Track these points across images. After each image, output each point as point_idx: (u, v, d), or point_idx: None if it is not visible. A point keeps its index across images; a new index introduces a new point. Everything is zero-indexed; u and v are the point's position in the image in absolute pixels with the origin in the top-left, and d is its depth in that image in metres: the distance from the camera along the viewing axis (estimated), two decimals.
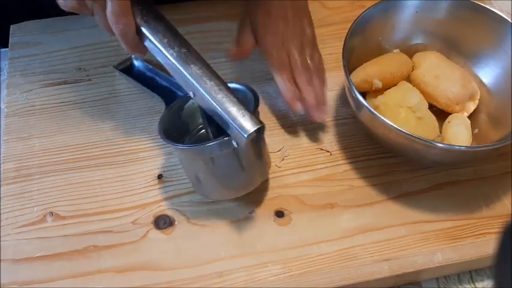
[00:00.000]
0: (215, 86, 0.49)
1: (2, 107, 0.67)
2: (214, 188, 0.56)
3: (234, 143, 0.49)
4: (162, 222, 0.57)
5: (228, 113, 0.48)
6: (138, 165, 0.61)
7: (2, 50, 0.74)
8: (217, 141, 0.50)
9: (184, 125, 0.59)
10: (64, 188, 0.59)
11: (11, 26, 0.73)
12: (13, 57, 0.70)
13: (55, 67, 0.70)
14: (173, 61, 0.50)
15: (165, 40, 0.50)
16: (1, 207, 0.57)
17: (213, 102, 0.49)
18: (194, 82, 0.49)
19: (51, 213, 0.57)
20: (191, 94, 0.51)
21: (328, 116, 0.66)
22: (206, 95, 0.49)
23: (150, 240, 0.56)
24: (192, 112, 0.58)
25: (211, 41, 0.72)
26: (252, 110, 0.51)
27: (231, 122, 0.48)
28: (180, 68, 0.50)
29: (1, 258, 0.54)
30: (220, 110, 0.48)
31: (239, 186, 0.55)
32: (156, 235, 0.56)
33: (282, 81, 0.62)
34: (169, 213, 0.57)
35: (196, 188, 0.58)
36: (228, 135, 0.49)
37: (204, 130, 0.59)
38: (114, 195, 0.59)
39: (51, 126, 0.64)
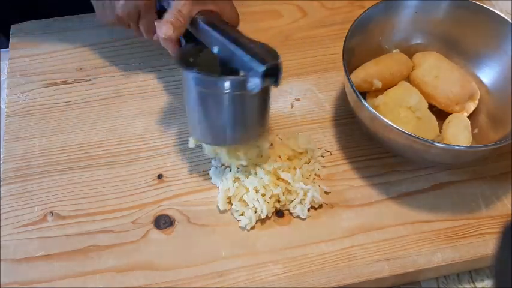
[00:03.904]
0: (235, 36, 0.54)
1: (2, 107, 0.67)
2: (230, 129, 0.55)
3: (258, 80, 0.50)
4: (162, 222, 0.57)
5: (246, 50, 0.51)
6: (139, 165, 0.61)
7: (2, 50, 0.74)
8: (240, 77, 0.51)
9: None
10: (64, 187, 0.59)
11: (11, 26, 0.73)
12: (13, 57, 0.70)
13: (55, 67, 0.70)
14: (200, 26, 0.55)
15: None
16: (1, 207, 0.57)
17: (235, 46, 0.52)
18: (218, 36, 0.54)
19: (52, 213, 0.57)
20: (215, 50, 0.54)
21: (328, 116, 0.66)
22: (228, 44, 0.53)
23: (150, 240, 0.56)
24: (206, 62, 0.58)
25: None
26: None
27: (248, 56, 0.51)
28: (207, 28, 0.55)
29: (1, 258, 0.54)
30: (240, 51, 0.52)
31: (250, 129, 0.56)
32: (156, 235, 0.56)
33: None
34: (170, 213, 0.57)
35: (203, 131, 0.56)
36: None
37: None
38: (114, 195, 0.59)
39: (51, 126, 0.64)
